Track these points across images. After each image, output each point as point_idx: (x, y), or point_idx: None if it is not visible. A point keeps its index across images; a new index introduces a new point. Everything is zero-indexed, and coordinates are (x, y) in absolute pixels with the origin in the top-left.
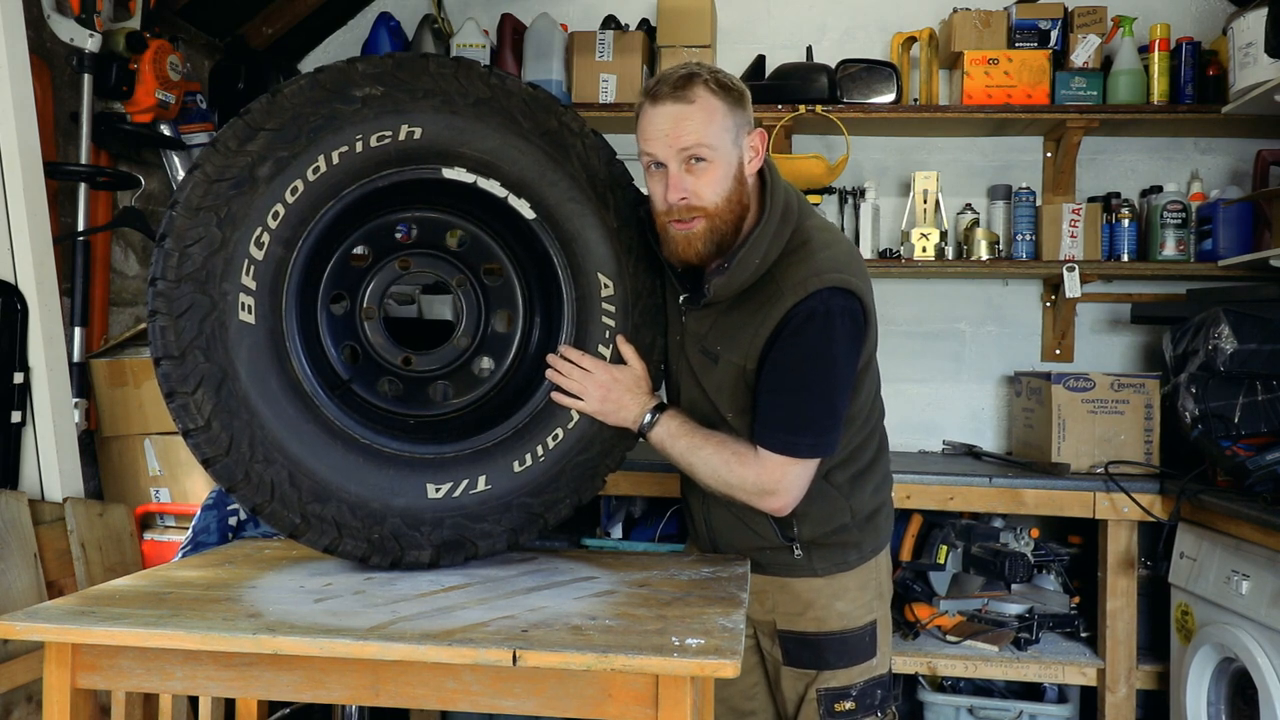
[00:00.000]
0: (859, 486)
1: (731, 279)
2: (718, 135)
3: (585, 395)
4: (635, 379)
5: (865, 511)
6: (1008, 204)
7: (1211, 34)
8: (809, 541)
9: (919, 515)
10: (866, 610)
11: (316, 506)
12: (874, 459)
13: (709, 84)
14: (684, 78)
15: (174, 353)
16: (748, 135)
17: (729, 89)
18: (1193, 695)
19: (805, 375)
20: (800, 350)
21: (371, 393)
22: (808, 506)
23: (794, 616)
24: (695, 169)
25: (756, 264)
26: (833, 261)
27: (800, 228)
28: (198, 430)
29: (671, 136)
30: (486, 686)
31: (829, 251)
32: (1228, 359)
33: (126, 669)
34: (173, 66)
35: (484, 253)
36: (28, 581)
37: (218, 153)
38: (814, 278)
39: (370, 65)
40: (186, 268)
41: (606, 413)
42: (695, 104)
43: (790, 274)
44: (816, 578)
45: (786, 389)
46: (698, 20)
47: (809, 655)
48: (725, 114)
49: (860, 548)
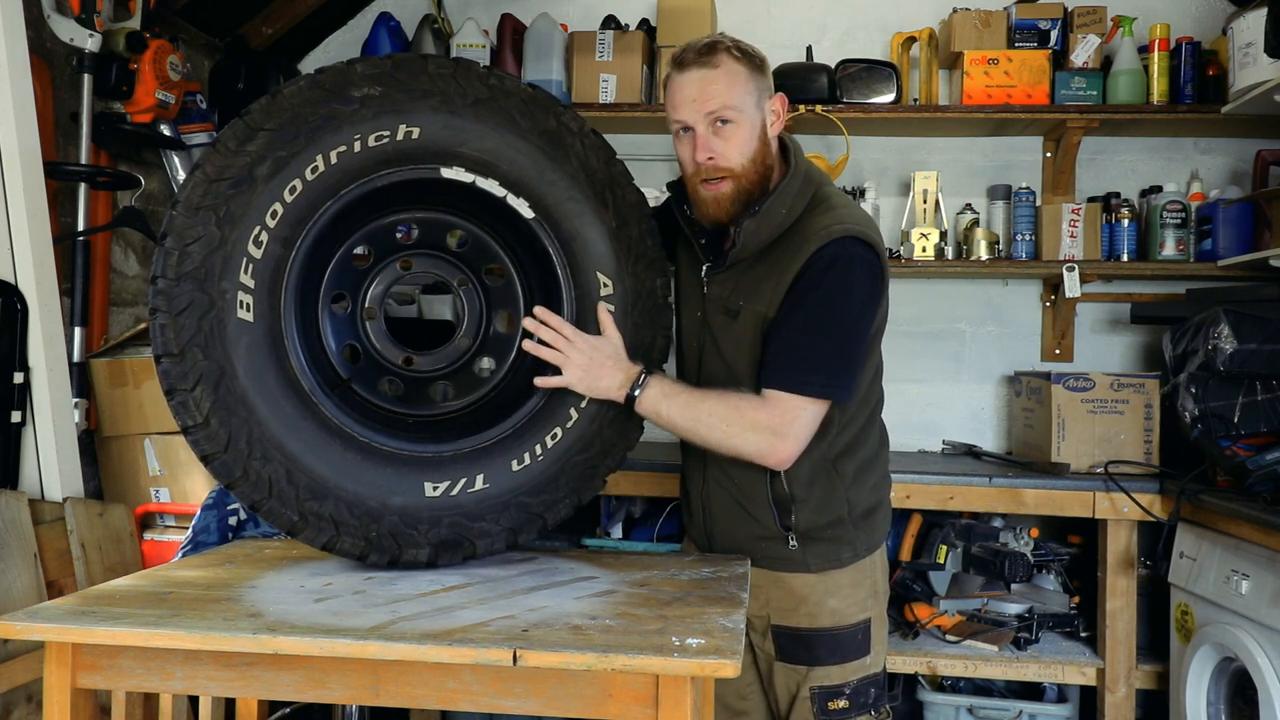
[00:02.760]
0: (860, 479)
1: (760, 225)
2: (741, 98)
3: (567, 365)
4: (615, 349)
5: (862, 507)
6: (1008, 204)
7: (1211, 34)
8: (804, 533)
9: (919, 515)
10: (860, 609)
11: (314, 504)
12: (875, 454)
13: (732, 51)
14: (708, 45)
15: (173, 350)
16: (769, 99)
17: (751, 55)
18: (1192, 695)
19: (821, 317)
20: (819, 294)
21: (371, 392)
22: (809, 491)
23: (788, 612)
24: (721, 131)
25: (784, 214)
26: (853, 215)
27: (820, 190)
28: (197, 427)
29: (699, 101)
30: (486, 686)
31: (849, 209)
32: (1227, 359)
33: (126, 669)
34: (173, 66)
35: (485, 253)
36: (28, 581)
37: (218, 153)
38: (837, 225)
39: (369, 66)
40: (186, 266)
41: (590, 383)
42: (720, 68)
43: (814, 223)
44: (810, 573)
45: (801, 329)
46: (698, 20)
47: (802, 651)
48: (748, 78)
49: (854, 545)
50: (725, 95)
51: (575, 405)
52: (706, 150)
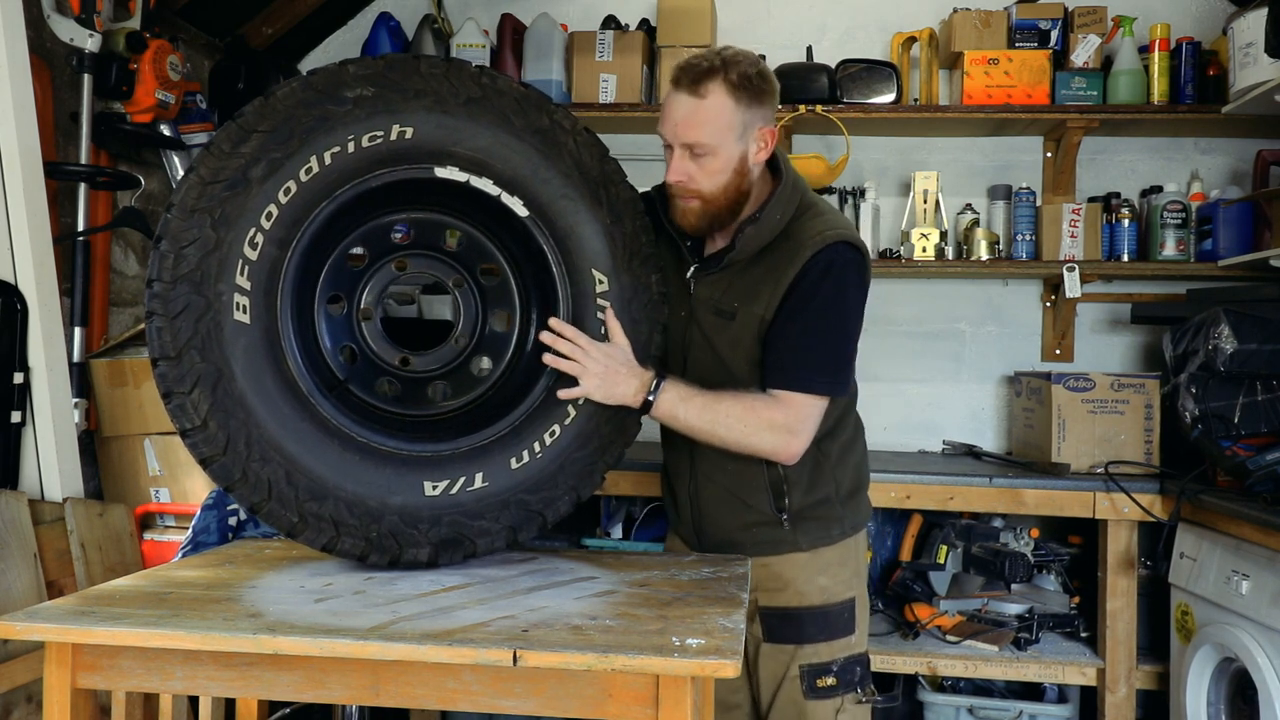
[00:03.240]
0: (844, 459)
1: (760, 231)
2: (720, 135)
3: (585, 375)
4: (627, 355)
5: (847, 487)
6: (1008, 204)
7: (1211, 34)
8: (797, 512)
9: (919, 515)
10: (846, 586)
11: (314, 505)
12: (854, 437)
13: (729, 79)
14: (706, 70)
15: (170, 353)
16: (758, 129)
17: (749, 84)
18: (1193, 695)
19: (823, 321)
20: (819, 300)
21: (369, 392)
22: (800, 472)
23: (775, 593)
24: (696, 158)
25: (777, 219)
26: (839, 220)
27: (805, 196)
28: (195, 430)
29: (680, 126)
30: (486, 686)
31: (833, 214)
32: (1228, 359)
33: (126, 669)
34: (173, 66)
35: (481, 253)
36: (28, 581)
37: (212, 155)
38: (829, 231)
39: (362, 67)
40: (182, 269)
41: (607, 390)
42: (707, 100)
43: (806, 229)
44: (800, 552)
45: (805, 332)
46: (698, 20)
47: (790, 630)
48: (734, 111)
49: (842, 522)
50: (703, 131)
51: (572, 402)
52: (678, 174)
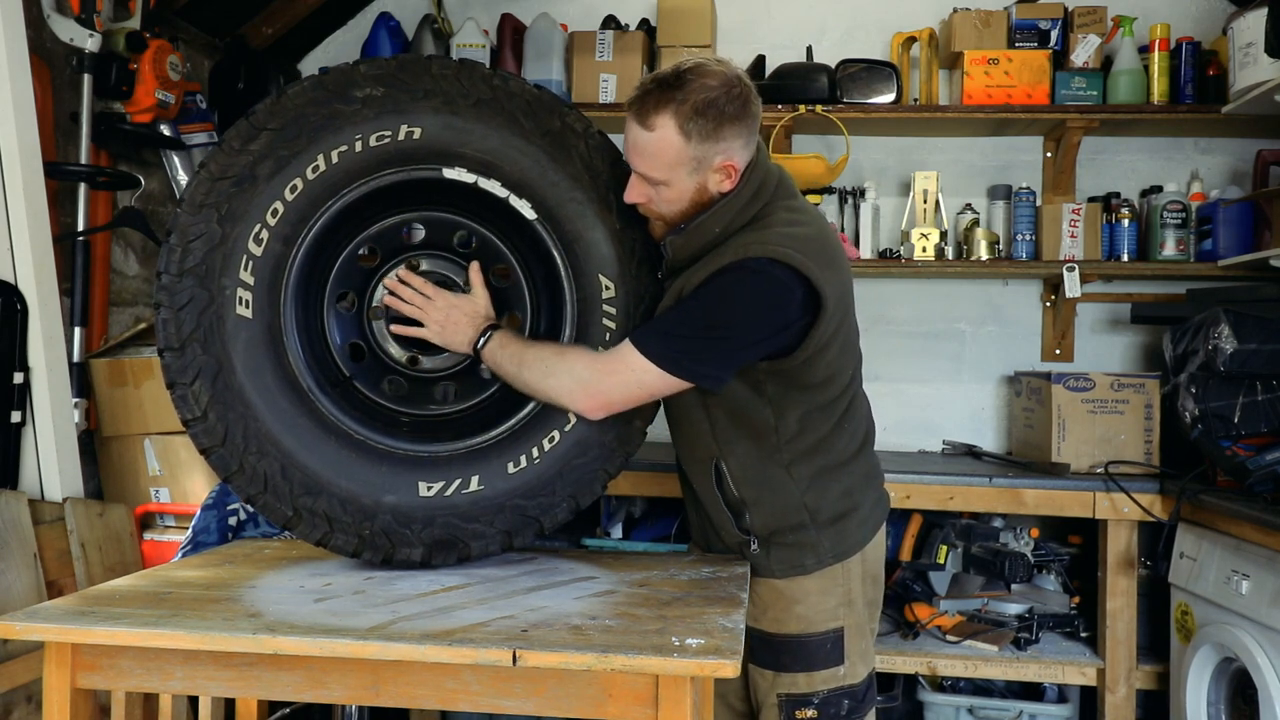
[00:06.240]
0: (823, 485)
1: (689, 240)
2: (668, 170)
3: (425, 320)
4: (475, 307)
5: (827, 514)
6: (1008, 204)
7: (1211, 34)
8: (765, 538)
9: (919, 515)
10: (830, 617)
11: (308, 500)
12: (848, 461)
13: (680, 112)
14: (657, 101)
15: (174, 344)
16: (718, 163)
17: (705, 115)
18: (1193, 695)
19: (695, 303)
20: (704, 290)
21: (373, 390)
22: (759, 493)
23: (758, 614)
24: (652, 185)
25: (717, 232)
26: (788, 239)
27: (769, 207)
28: (196, 420)
29: (630, 155)
30: (486, 686)
31: (789, 229)
32: (1228, 359)
33: (126, 669)
34: (173, 66)
35: (492, 254)
36: (28, 581)
37: (222, 152)
38: (758, 245)
39: (373, 67)
40: (188, 262)
41: (446, 337)
42: (653, 134)
43: (740, 240)
44: (775, 579)
45: (674, 309)
46: (698, 20)
47: (769, 655)
48: (683, 148)
49: (818, 550)
50: (651, 165)
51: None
52: (636, 196)
